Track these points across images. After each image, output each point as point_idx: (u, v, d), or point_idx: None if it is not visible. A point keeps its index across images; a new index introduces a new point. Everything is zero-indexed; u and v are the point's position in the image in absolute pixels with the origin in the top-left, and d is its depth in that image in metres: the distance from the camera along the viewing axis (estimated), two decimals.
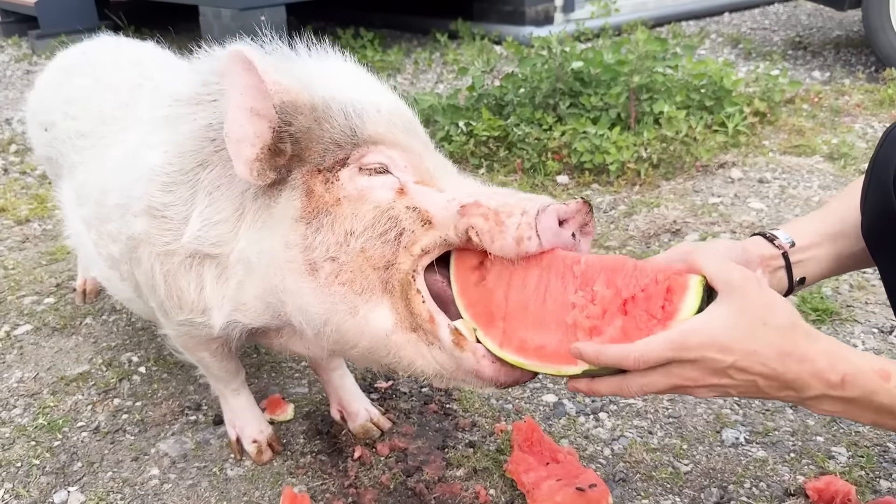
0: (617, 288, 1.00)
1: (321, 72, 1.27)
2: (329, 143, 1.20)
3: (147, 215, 1.38)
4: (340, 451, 1.78)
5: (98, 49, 2.05)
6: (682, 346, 0.89)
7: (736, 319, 0.89)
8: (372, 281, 1.15)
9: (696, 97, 3.54)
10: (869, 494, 1.56)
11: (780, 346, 0.89)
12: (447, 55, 5.31)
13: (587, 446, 1.74)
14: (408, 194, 1.18)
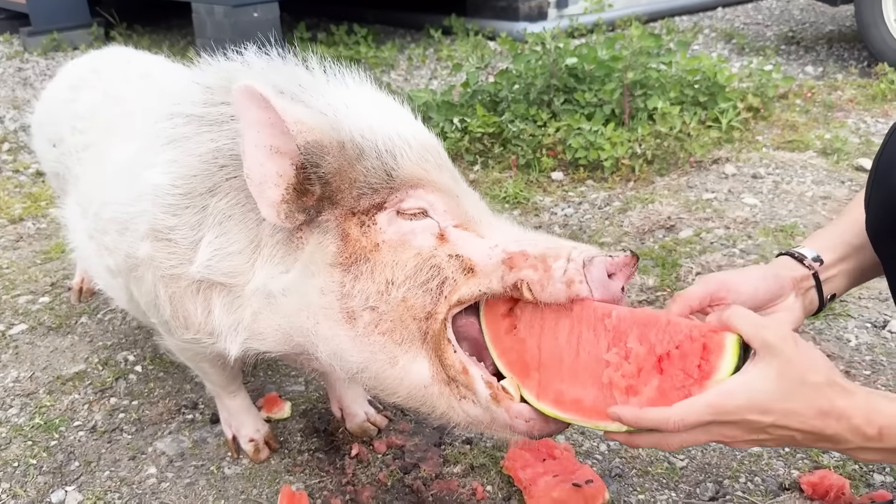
0: (650, 344, 0.99)
1: (344, 103, 1.19)
2: (363, 185, 1.14)
3: (151, 238, 1.32)
4: (338, 448, 1.78)
5: (107, 62, 2.02)
6: (721, 410, 0.91)
7: (774, 381, 0.90)
8: (412, 331, 1.12)
9: (690, 93, 3.54)
10: (863, 488, 1.57)
11: (818, 405, 0.90)
12: (441, 51, 5.31)
13: (583, 442, 1.74)
14: (449, 241, 1.14)
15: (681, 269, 2.38)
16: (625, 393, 0.98)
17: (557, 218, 2.85)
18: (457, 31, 5.82)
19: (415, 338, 1.12)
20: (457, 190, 1.18)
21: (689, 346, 0.96)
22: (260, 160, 1.13)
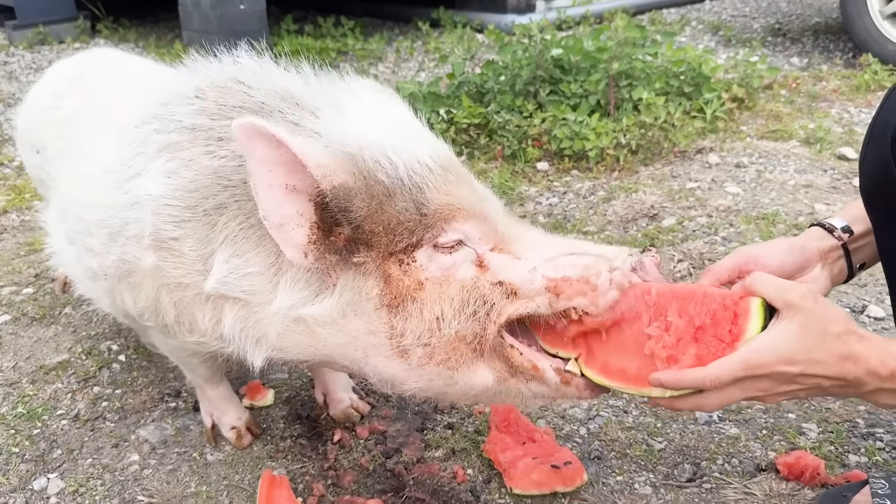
0: (689, 316, 1.07)
1: (357, 129, 1.14)
2: (397, 226, 1.12)
3: (156, 248, 1.27)
4: (320, 434, 1.79)
5: (92, 68, 1.96)
6: (752, 364, 0.98)
7: (797, 334, 0.98)
8: (465, 354, 1.15)
9: (675, 84, 3.56)
10: (838, 468, 1.59)
11: (839, 351, 0.98)
12: (429, 43, 5.31)
13: (564, 426, 1.76)
14: (490, 268, 1.15)
15: (663, 257, 2.40)
16: (665, 362, 1.06)
17: (542, 208, 2.87)
18: (445, 23, 5.82)
19: (468, 358, 1.15)
20: (482, 206, 1.17)
21: (721, 314, 1.04)
22: (277, 201, 1.09)
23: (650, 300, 1.09)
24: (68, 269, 1.68)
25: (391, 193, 1.10)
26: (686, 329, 1.06)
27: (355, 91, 1.25)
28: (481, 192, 1.21)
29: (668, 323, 1.07)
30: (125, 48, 5.51)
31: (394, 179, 1.10)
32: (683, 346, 1.05)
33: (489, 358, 1.16)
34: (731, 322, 1.04)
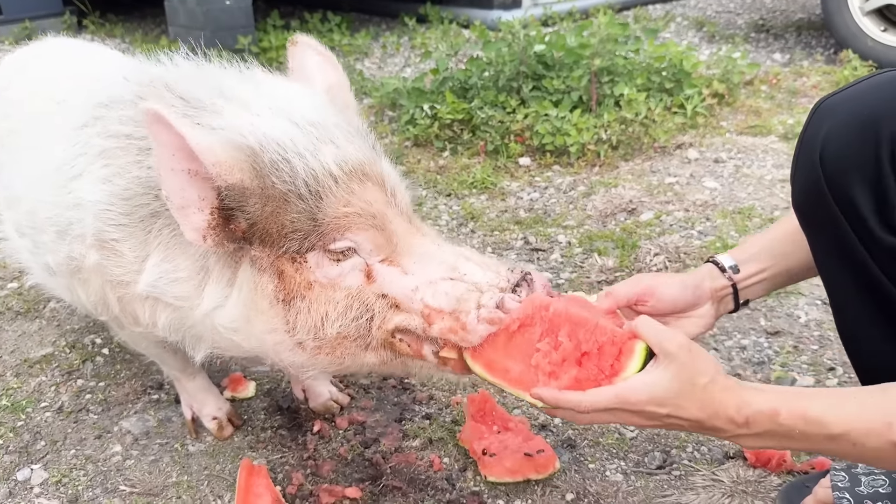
0: (578, 341, 1.14)
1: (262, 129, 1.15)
2: (291, 231, 1.16)
3: (98, 247, 1.32)
4: (300, 425, 1.82)
5: (36, 58, 1.93)
6: (625, 400, 1.08)
7: (669, 381, 1.07)
8: (353, 349, 1.23)
9: (657, 80, 3.60)
10: (804, 456, 1.63)
11: (702, 401, 1.07)
12: (415, 39, 5.33)
13: (538, 415, 1.80)
14: (376, 280, 1.20)
15: (640, 251, 2.44)
16: (547, 376, 1.14)
17: (523, 202, 2.90)
18: (431, 19, 5.84)
19: (357, 351, 1.24)
20: (382, 216, 1.19)
21: (608, 348, 1.13)
22: (180, 184, 1.11)
23: (546, 316, 1.16)
24: (20, 258, 1.68)
25: (286, 200, 1.13)
26: (572, 352, 1.14)
27: (274, 87, 1.26)
28: (384, 198, 1.21)
29: (557, 342, 1.15)
30: (112, 44, 5.51)
31: (290, 186, 1.12)
32: (566, 367, 1.13)
33: (375, 348, 1.23)
34: (615, 357, 1.13)
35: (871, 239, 1.10)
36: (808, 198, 1.20)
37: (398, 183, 1.26)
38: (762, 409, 1.05)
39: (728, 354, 1.98)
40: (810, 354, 1.96)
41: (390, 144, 3.53)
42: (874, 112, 1.08)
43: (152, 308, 1.35)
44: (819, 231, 1.23)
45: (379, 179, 1.21)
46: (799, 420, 1.04)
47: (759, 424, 1.06)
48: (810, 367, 1.91)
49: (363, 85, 4.29)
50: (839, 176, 1.10)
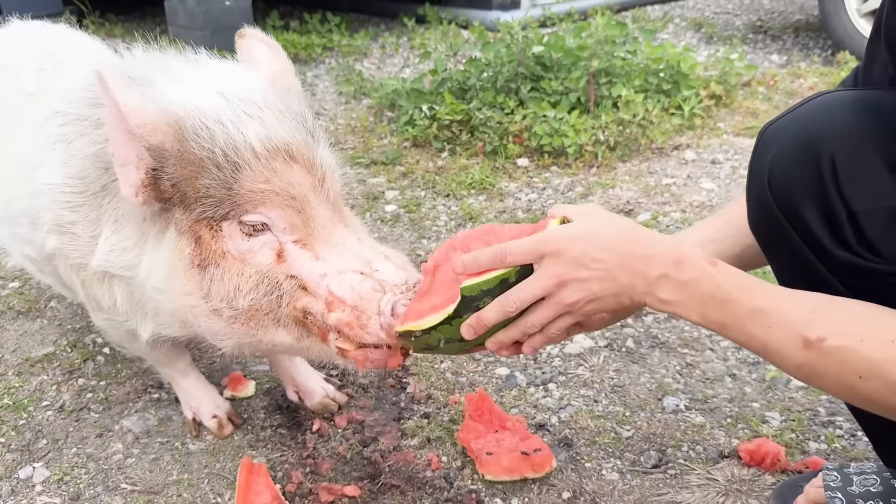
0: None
1: (190, 99, 1.22)
2: (205, 196, 1.20)
3: (57, 232, 1.42)
4: (299, 424, 1.84)
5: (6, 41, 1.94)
6: (544, 239, 1.05)
7: (587, 223, 1.07)
8: (266, 322, 1.26)
9: (654, 81, 3.62)
10: (798, 455, 1.65)
11: (625, 235, 1.05)
12: (414, 39, 5.34)
13: (536, 415, 1.82)
14: (286, 260, 1.23)
15: None
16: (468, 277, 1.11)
17: (521, 203, 2.92)
18: (430, 19, 5.86)
19: (269, 324, 1.26)
20: (302, 199, 1.22)
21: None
22: (122, 143, 1.18)
23: (457, 244, 1.16)
24: (4, 243, 1.75)
25: (203, 166, 1.19)
26: None
27: (214, 68, 1.33)
28: (310, 182, 1.24)
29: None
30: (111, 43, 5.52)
31: (208, 153, 1.18)
32: None
33: (287, 324, 1.26)
34: None
35: (826, 256, 1.12)
36: (762, 220, 1.22)
37: (332, 171, 1.29)
38: (700, 255, 1.05)
39: (724, 355, 2.00)
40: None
41: (389, 145, 3.55)
42: (814, 134, 1.11)
43: (108, 286, 1.44)
44: (778, 252, 1.24)
45: (308, 163, 1.24)
46: (730, 280, 1.04)
47: (690, 270, 1.04)
48: None
49: (362, 85, 4.31)
50: (788, 198, 1.13)
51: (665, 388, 1.88)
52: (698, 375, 1.93)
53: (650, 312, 2.19)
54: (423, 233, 2.76)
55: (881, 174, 1.07)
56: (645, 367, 1.96)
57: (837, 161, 1.09)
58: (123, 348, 1.75)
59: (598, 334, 2.11)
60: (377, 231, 2.80)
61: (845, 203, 1.08)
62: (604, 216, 1.08)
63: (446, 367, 2.01)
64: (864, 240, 1.09)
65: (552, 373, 1.96)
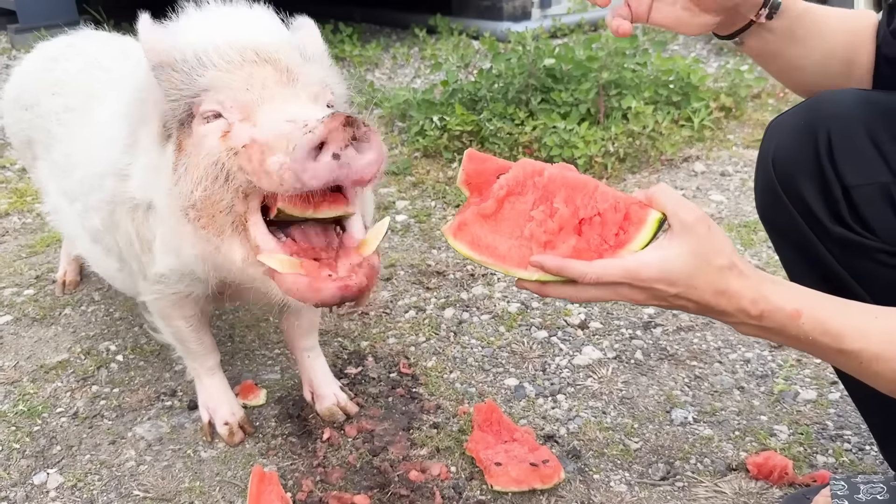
0: (575, 207, 1.03)
1: (191, 24, 1.35)
2: (180, 96, 1.29)
3: (115, 176, 1.50)
4: (310, 433, 1.86)
5: (85, 38, 2.17)
6: (635, 276, 0.98)
7: (685, 258, 0.97)
8: (222, 223, 1.24)
9: (664, 93, 3.63)
10: (806, 469, 1.66)
11: (717, 284, 0.99)
12: (425, 50, 5.38)
13: (544, 426, 1.83)
14: (230, 137, 1.21)
15: None
16: (542, 246, 1.04)
17: None
18: (441, 30, 5.89)
19: (226, 228, 1.24)
20: (261, 85, 1.24)
21: (611, 216, 1.02)
22: (150, 82, 1.32)
23: (539, 182, 1.06)
24: (68, 228, 1.90)
25: (180, 67, 1.29)
26: (569, 219, 1.03)
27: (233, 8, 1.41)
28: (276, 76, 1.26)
29: (553, 209, 1.04)
30: None
31: (185, 55, 1.29)
32: (564, 236, 1.03)
33: (239, 230, 1.23)
34: (618, 226, 1.02)
35: (825, 234, 1.19)
36: (767, 204, 1.29)
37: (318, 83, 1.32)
38: (783, 308, 1.01)
39: (732, 367, 2.00)
40: (813, 368, 1.99)
41: (399, 155, 3.58)
42: (813, 120, 1.20)
43: (152, 223, 1.48)
44: (783, 236, 1.32)
45: (281, 67, 1.28)
46: (817, 328, 1.01)
47: (773, 321, 1.01)
48: (813, 381, 1.94)
49: (373, 95, 4.34)
50: (789, 178, 1.22)
51: (673, 401, 1.89)
52: (706, 388, 1.93)
53: (659, 324, 2.20)
54: (433, 243, 2.78)
55: (872, 152, 1.16)
56: (653, 379, 1.97)
57: (833, 138, 1.18)
58: (164, 329, 1.78)
59: (606, 346, 2.12)
60: (387, 241, 2.82)
61: (839, 178, 1.17)
62: (704, 247, 0.98)
63: (455, 377, 2.03)
64: (858, 216, 1.18)
65: (561, 384, 1.97)
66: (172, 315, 1.70)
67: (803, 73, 1.34)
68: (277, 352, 2.18)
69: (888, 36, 1.24)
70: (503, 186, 1.06)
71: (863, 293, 1.19)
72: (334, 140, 1.07)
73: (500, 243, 1.06)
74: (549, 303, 2.35)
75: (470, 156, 1.15)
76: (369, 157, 1.11)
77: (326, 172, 1.08)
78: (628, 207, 1.02)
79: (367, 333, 2.24)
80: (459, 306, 2.36)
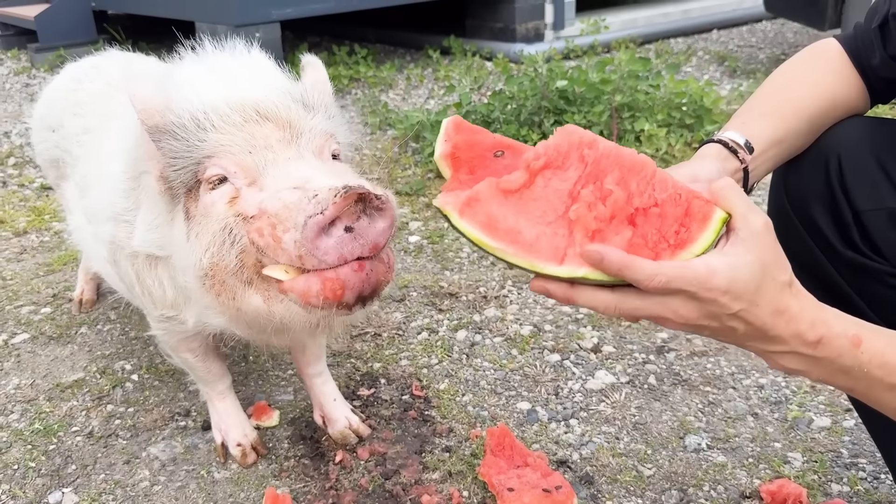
0: (630, 192, 0.86)
1: (185, 81, 1.30)
2: (183, 163, 1.26)
3: (114, 220, 1.51)
4: (322, 455, 1.86)
5: (107, 60, 2.22)
6: (705, 285, 0.84)
7: (754, 270, 0.86)
8: (234, 283, 1.21)
9: (677, 115, 3.64)
10: (820, 497, 1.65)
11: (777, 303, 0.89)
12: (439, 71, 5.42)
13: (557, 451, 1.83)
14: (237, 202, 1.20)
15: None
16: (590, 236, 0.85)
17: None
18: (455, 51, 5.94)
19: (239, 285, 1.21)
20: (264, 146, 1.21)
21: (670, 208, 0.86)
22: (146, 140, 1.30)
23: (589, 156, 0.88)
24: (86, 246, 1.92)
25: (180, 133, 1.25)
26: (624, 207, 0.85)
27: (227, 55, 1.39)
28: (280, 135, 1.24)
29: (605, 191, 0.86)
30: None
31: (182, 119, 1.25)
32: (617, 226, 0.85)
33: (254, 283, 1.19)
34: (679, 222, 0.86)
35: (836, 257, 1.21)
36: (779, 227, 1.26)
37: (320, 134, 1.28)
38: (845, 334, 0.91)
39: (746, 393, 2.00)
40: (827, 395, 1.98)
41: (413, 176, 3.60)
42: (825, 146, 1.23)
43: (156, 272, 1.49)
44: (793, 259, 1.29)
45: (283, 123, 1.25)
46: (875, 359, 0.92)
47: (831, 348, 0.91)
48: (827, 408, 1.93)
49: (387, 116, 4.38)
50: (801, 201, 1.24)
51: (687, 427, 1.88)
52: (720, 414, 1.93)
53: (672, 349, 2.20)
54: (446, 264, 2.79)
55: (881, 178, 1.18)
56: (667, 405, 1.97)
57: (843, 164, 1.20)
58: (173, 357, 1.79)
59: (620, 370, 2.12)
60: (400, 261, 2.83)
61: (850, 203, 1.19)
62: (769, 258, 0.88)
63: (468, 399, 2.03)
64: (868, 240, 1.19)
65: (574, 408, 1.97)
66: (179, 348, 1.72)
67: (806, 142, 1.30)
68: (291, 372, 2.19)
69: (887, 59, 1.24)
70: (541, 156, 0.87)
71: (874, 317, 1.19)
72: (346, 215, 1.06)
73: (527, 228, 0.86)
74: (561, 325, 2.35)
75: (457, 125, 0.96)
76: (382, 226, 1.08)
77: (339, 247, 1.06)
78: (690, 201, 0.86)
79: (380, 355, 2.25)
80: (472, 328, 2.37)
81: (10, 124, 4.88)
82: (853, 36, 1.31)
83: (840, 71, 1.29)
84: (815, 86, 1.27)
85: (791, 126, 1.23)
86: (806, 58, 1.33)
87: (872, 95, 1.30)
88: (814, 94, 1.26)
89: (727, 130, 1.21)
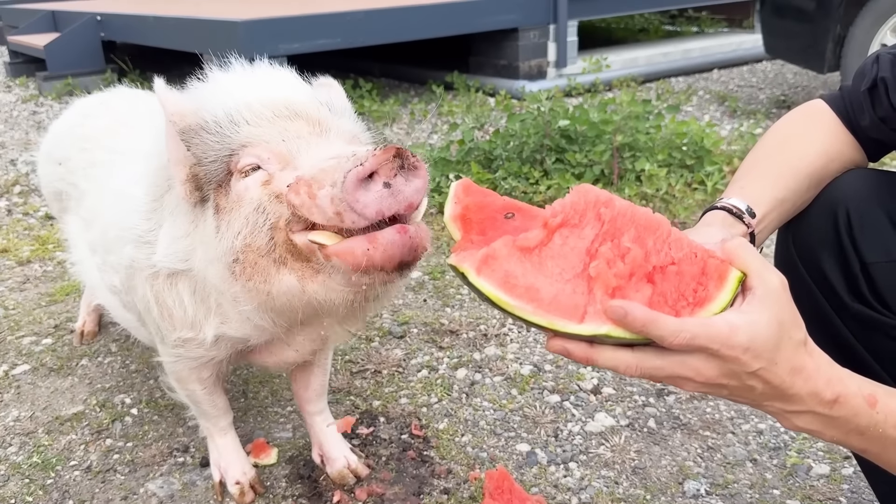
0: (647, 251, 0.87)
1: (217, 86, 1.38)
2: (216, 156, 1.31)
3: (135, 243, 1.53)
4: (320, 495, 1.86)
5: (117, 95, 2.26)
6: (727, 343, 0.85)
7: (773, 328, 0.87)
8: (267, 266, 1.24)
9: (678, 156, 3.68)
10: None
11: (793, 361, 0.89)
12: (442, 106, 5.48)
13: (556, 495, 1.82)
14: (271, 183, 1.24)
15: None
16: (609, 293, 0.85)
17: None
18: (458, 87, 6.02)
19: (272, 267, 1.25)
20: (296, 137, 1.27)
21: (687, 267, 0.87)
22: (173, 145, 1.35)
23: (606, 214, 0.89)
24: (90, 279, 1.95)
25: (212, 129, 1.31)
26: (641, 264, 0.86)
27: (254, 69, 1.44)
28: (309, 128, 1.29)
29: (623, 249, 0.87)
30: None
31: (216, 117, 1.31)
32: (636, 284, 0.86)
33: (286, 261, 1.23)
34: (696, 280, 0.86)
35: (843, 308, 1.21)
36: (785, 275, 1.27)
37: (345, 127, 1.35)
38: (860, 393, 0.92)
39: (745, 439, 2.00)
40: (826, 442, 1.97)
41: None
42: (833, 198, 1.24)
43: (176, 289, 1.49)
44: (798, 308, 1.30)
45: (313, 121, 1.31)
46: (890, 418, 0.92)
47: (847, 407, 0.91)
48: (826, 455, 1.92)
49: None
50: (809, 252, 1.24)
51: (686, 472, 1.88)
52: (719, 459, 1.92)
53: (672, 392, 2.20)
54: (447, 301, 2.81)
55: (889, 230, 1.19)
56: (666, 449, 1.97)
57: (851, 214, 1.21)
58: (177, 390, 1.79)
59: (619, 412, 2.12)
60: (401, 297, 2.85)
61: (859, 254, 1.20)
62: (786, 316, 0.88)
63: (467, 440, 2.03)
64: (876, 292, 1.19)
65: (573, 451, 1.97)
66: (189, 378, 1.71)
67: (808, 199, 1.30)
68: (290, 409, 2.19)
69: (877, 121, 1.26)
70: (558, 213, 0.89)
71: (880, 370, 1.20)
72: (385, 170, 1.07)
73: (545, 286, 0.86)
74: (561, 366, 2.36)
75: (466, 187, 0.97)
76: (417, 185, 1.10)
77: (378, 201, 1.07)
78: (706, 260, 0.87)
79: (380, 392, 2.26)
80: (472, 367, 2.37)
81: (16, 152, 4.92)
82: (840, 97, 1.33)
83: (833, 129, 1.31)
84: (811, 143, 1.30)
85: (791, 185, 1.26)
86: (797, 117, 1.36)
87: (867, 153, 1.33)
88: (811, 151, 1.28)
89: (728, 197, 1.22)
